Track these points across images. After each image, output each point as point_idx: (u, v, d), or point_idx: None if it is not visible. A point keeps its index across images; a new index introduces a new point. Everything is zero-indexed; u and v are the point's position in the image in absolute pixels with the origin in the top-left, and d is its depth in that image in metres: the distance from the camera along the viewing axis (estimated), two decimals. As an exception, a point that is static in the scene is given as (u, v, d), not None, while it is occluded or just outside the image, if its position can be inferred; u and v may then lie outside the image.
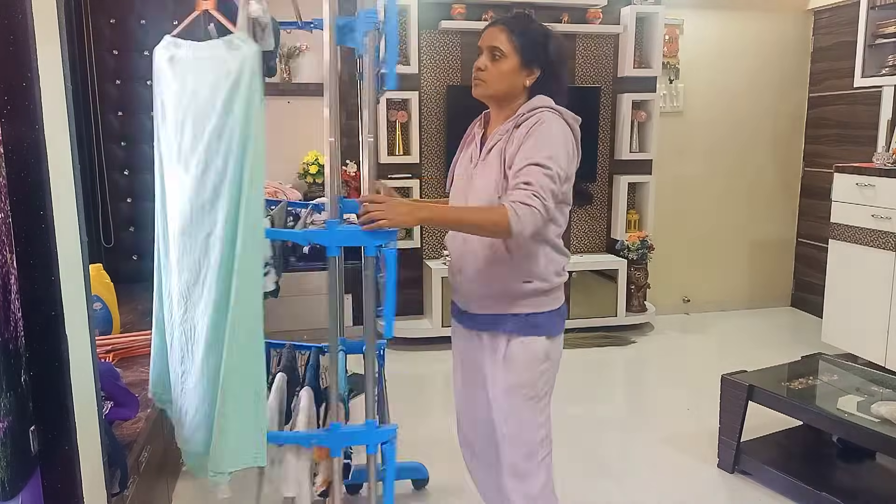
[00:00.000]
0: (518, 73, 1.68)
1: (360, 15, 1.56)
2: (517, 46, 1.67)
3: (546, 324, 1.73)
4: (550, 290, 1.73)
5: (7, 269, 1.09)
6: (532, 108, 1.67)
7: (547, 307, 1.74)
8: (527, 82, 1.70)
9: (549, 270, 1.72)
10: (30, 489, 1.14)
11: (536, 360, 1.72)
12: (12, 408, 1.08)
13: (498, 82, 1.69)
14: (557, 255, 1.74)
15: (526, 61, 1.68)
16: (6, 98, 1.09)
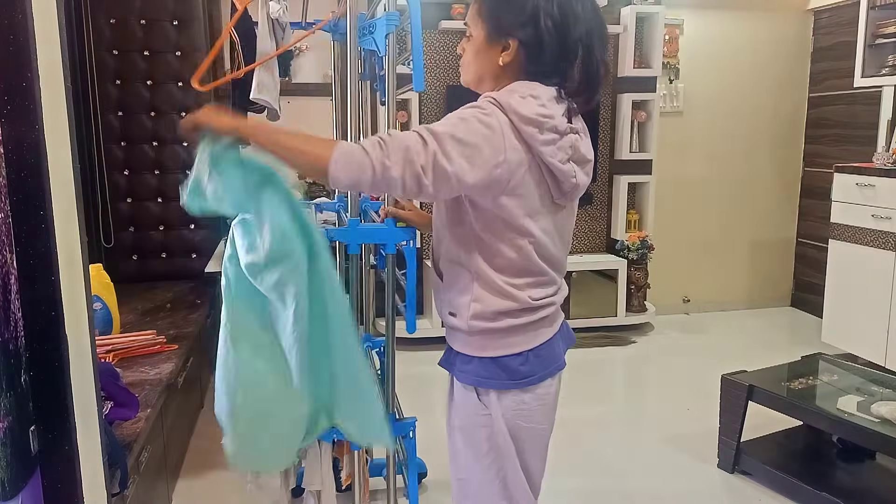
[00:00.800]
0: (486, 50, 1.29)
1: (384, 16, 1.57)
2: (484, 13, 1.29)
3: (478, 371, 1.35)
4: (471, 333, 1.35)
5: (7, 269, 1.09)
6: (485, 95, 1.28)
7: (469, 350, 1.36)
8: (500, 61, 1.28)
9: (471, 310, 1.33)
10: (30, 489, 1.14)
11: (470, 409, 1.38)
12: (12, 408, 1.08)
13: (470, 66, 1.34)
14: (491, 296, 1.32)
15: (493, 33, 1.28)
16: (6, 98, 1.09)
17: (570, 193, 1.32)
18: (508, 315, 1.33)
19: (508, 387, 1.34)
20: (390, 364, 1.80)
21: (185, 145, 3.86)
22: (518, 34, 1.26)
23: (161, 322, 3.00)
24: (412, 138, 1.18)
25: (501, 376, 1.34)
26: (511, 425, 1.36)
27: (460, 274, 1.35)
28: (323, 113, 4.00)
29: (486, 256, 1.32)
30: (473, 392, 1.37)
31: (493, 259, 1.31)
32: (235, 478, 2.56)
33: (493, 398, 1.35)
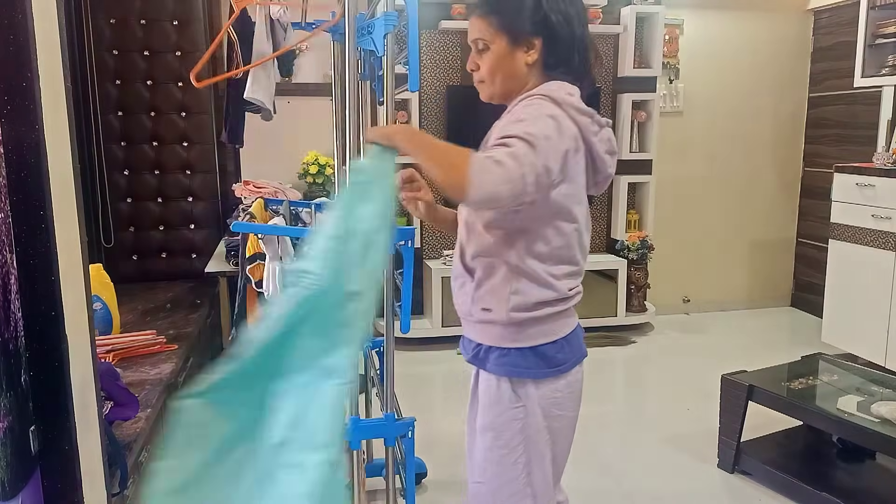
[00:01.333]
0: (511, 55, 1.35)
1: (382, 16, 1.57)
2: (497, 24, 1.34)
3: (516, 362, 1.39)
4: (510, 324, 1.38)
5: (7, 269, 1.09)
6: (527, 95, 1.35)
7: (507, 343, 1.39)
8: (528, 60, 1.36)
9: (511, 303, 1.36)
10: (30, 489, 1.14)
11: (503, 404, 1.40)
12: (12, 408, 1.08)
13: (495, 77, 1.38)
14: (529, 286, 1.36)
15: (514, 37, 1.34)
16: (6, 98, 1.09)
17: (601, 184, 1.42)
18: (547, 304, 1.37)
19: (546, 375, 1.39)
20: (389, 364, 1.80)
21: (185, 145, 3.87)
22: (537, 32, 1.34)
23: (161, 322, 3.00)
24: (523, 145, 1.21)
25: (539, 365, 1.38)
26: (546, 414, 1.40)
27: (497, 268, 1.37)
28: (323, 113, 4.01)
29: (530, 246, 1.35)
30: (508, 385, 1.39)
31: (537, 248, 1.35)
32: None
33: (529, 389, 1.38)
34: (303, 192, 3.98)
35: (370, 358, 2.30)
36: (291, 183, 4.01)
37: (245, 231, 1.95)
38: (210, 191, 3.92)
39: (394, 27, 1.60)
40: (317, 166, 3.94)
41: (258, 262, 1.95)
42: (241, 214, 3.14)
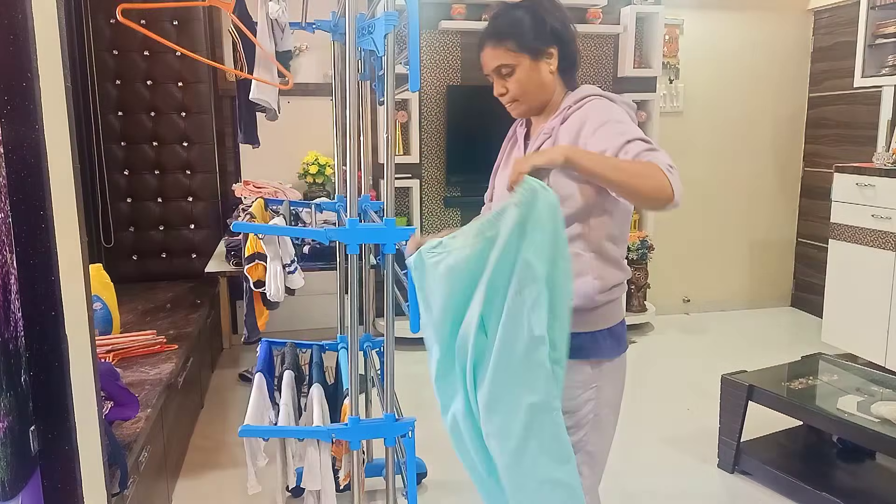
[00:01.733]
0: (537, 69, 1.47)
1: (382, 16, 1.57)
2: (517, 47, 1.46)
3: (590, 346, 1.46)
4: (595, 308, 1.46)
5: (7, 269, 1.09)
6: (578, 100, 1.47)
7: (590, 327, 1.47)
8: (551, 68, 1.48)
9: (595, 288, 1.44)
10: (30, 489, 1.14)
11: (578, 388, 1.47)
12: (12, 408, 1.08)
13: (527, 93, 1.49)
14: (610, 270, 1.46)
15: (534, 52, 1.46)
16: (6, 98, 1.09)
17: None
18: (619, 286, 1.48)
19: (618, 353, 1.51)
20: (390, 364, 1.80)
21: (185, 145, 3.87)
22: (551, 42, 1.47)
23: (161, 322, 3.01)
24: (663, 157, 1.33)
25: (615, 345, 1.49)
26: (615, 392, 1.52)
27: (577, 256, 1.43)
28: (323, 113, 4.01)
29: (608, 230, 1.45)
30: (587, 367, 1.47)
31: (612, 231, 1.45)
32: (235, 478, 2.56)
33: (605, 369, 1.48)
34: (303, 192, 3.98)
35: (370, 358, 2.30)
36: (291, 183, 4.01)
37: (245, 231, 1.95)
38: (210, 191, 3.93)
39: (394, 27, 1.60)
40: (317, 166, 3.94)
41: (257, 262, 1.95)
42: (241, 214, 3.14)
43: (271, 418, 1.94)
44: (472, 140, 4.12)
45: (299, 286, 2.03)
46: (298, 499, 2.20)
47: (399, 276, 1.92)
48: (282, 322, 3.88)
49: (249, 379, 2.88)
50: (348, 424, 1.76)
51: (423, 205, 4.22)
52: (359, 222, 1.66)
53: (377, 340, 2.27)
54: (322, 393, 1.97)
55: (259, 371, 2.05)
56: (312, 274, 3.41)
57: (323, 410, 1.87)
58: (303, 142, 4.04)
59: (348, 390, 1.83)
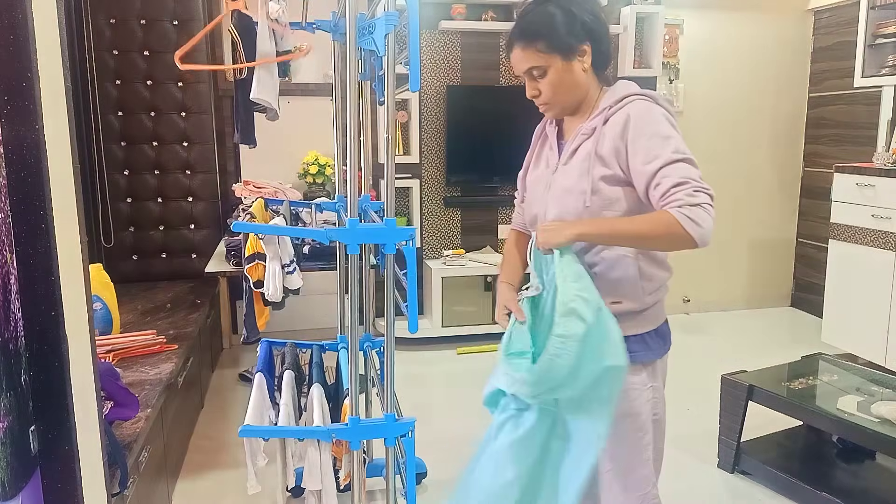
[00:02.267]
0: (569, 68, 1.43)
1: (383, 16, 1.57)
2: (547, 47, 1.41)
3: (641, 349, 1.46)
4: (644, 310, 1.46)
5: (7, 269, 1.09)
6: (618, 100, 1.42)
7: (640, 329, 1.47)
8: (584, 66, 1.44)
9: (644, 289, 1.44)
10: (30, 489, 1.14)
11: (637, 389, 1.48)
12: (12, 408, 1.08)
13: (560, 94, 1.45)
14: (655, 270, 1.46)
15: (566, 51, 1.42)
16: (6, 98, 1.09)
17: None
18: (664, 285, 1.49)
19: (665, 352, 1.51)
20: (390, 364, 1.81)
21: (185, 145, 3.87)
22: (583, 39, 1.43)
23: (161, 322, 3.00)
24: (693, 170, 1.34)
25: (662, 344, 1.49)
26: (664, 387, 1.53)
27: (622, 258, 1.42)
28: (323, 113, 4.01)
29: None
30: (641, 369, 1.46)
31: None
32: (235, 478, 2.56)
33: (657, 368, 1.49)
34: (303, 192, 3.98)
35: (370, 358, 2.30)
36: (291, 183, 4.01)
37: (245, 231, 1.95)
38: (210, 191, 3.93)
39: (394, 27, 1.60)
40: (317, 166, 3.94)
41: (257, 262, 1.95)
42: (241, 214, 3.14)
43: (271, 418, 1.94)
44: (472, 140, 4.12)
45: (298, 286, 2.03)
46: (298, 499, 2.20)
47: (399, 276, 1.92)
48: (282, 322, 3.87)
49: (249, 379, 2.88)
50: (348, 424, 1.76)
51: (423, 205, 4.23)
52: (359, 222, 1.66)
53: (377, 340, 2.27)
54: (322, 393, 1.97)
55: (259, 371, 2.05)
56: (312, 274, 3.43)
57: (323, 410, 1.87)
58: (303, 142, 4.04)
59: (348, 390, 1.83)
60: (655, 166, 1.33)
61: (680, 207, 1.27)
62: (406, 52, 1.76)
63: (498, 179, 4.24)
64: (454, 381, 3.63)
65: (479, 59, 4.19)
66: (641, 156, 1.35)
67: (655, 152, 1.33)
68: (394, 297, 1.89)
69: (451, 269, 4.02)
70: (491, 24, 4.09)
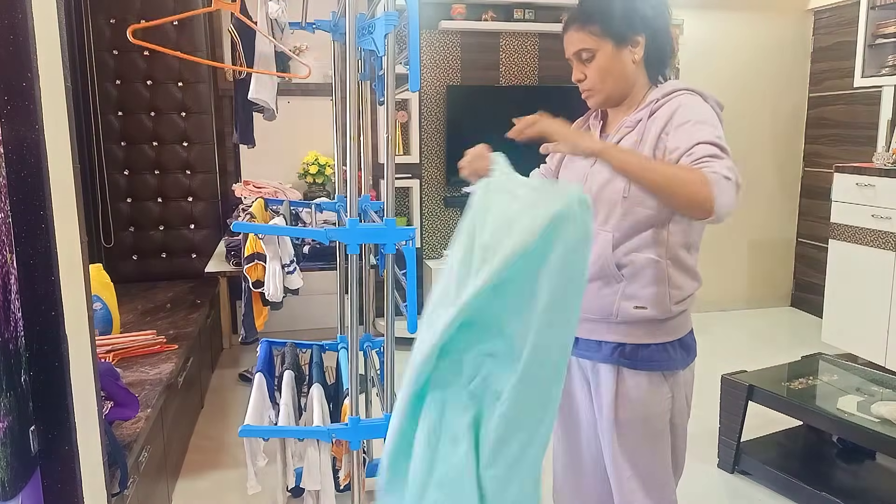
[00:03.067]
0: (618, 56, 1.39)
1: (382, 16, 1.57)
2: (599, 31, 1.38)
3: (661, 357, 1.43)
4: (668, 319, 1.43)
5: (7, 269, 1.09)
6: (666, 94, 1.39)
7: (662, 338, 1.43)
8: (635, 58, 1.40)
9: (672, 298, 1.40)
10: (30, 489, 1.14)
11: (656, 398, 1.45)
12: (12, 408, 1.08)
13: (606, 82, 1.41)
14: (685, 279, 1.43)
15: (619, 38, 1.38)
16: (6, 98, 1.09)
17: None
18: (692, 297, 1.45)
19: (688, 363, 1.48)
20: (390, 364, 1.81)
21: (185, 145, 3.86)
22: (638, 29, 1.39)
23: (161, 322, 3.00)
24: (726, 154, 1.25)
25: (684, 354, 1.46)
26: (687, 401, 1.49)
27: (652, 263, 1.38)
28: (323, 113, 4.01)
29: (681, 238, 1.41)
30: (661, 378, 1.42)
31: (685, 238, 1.42)
32: (235, 478, 2.56)
33: (679, 378, 1.45)
34: (303, 192, 3.98)
35: (370, 358, 2.30)
36: (291, 183, 4.01)
37: (245, 231, 1.95)
38: (210, 191, 3.93)
39: (394, 27, 1.60)
40: (317, 166, 3.94)
41: (256, 262, 1.95)
42: (241, 214, 3.14)
43: (271, 418, 1.94)
44: (472, 140, 4.09)
45: (298, 286, 2.03)
46: (298, 499, 2.20)
47: (399, 276, 1.92)
48: (282, 322, 3.87)
49: (249, 379, 2.88)
50: (348, 424, 1.76)
51: (423, 205, 4.23)
52: (359, 222, 1.66)
53: (377, 340, 2.27)
54: (322, 393, 1.97)
55: (259, 371, 2.05)
56: (312, 274, 3.44)
57: (323, 410, 1.88)
58: (303, 142, 4.04)
59: (348, 390, 1.83)
60: (692, 141, 1.27)
61: (714, 173, 1.19)
62: (406, 52, 1.76)
63: (498, 179, 4.23)
64: (454, 381, 3.63)
65: (479, 59, 4.19)
66: (677, 139, 1.30)
67: (698, 135, 1.27)
68: (394, 297, 1.89)
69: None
70: (491, 24, 4.09)
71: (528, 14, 4.15)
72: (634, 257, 1.39)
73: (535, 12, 4.16)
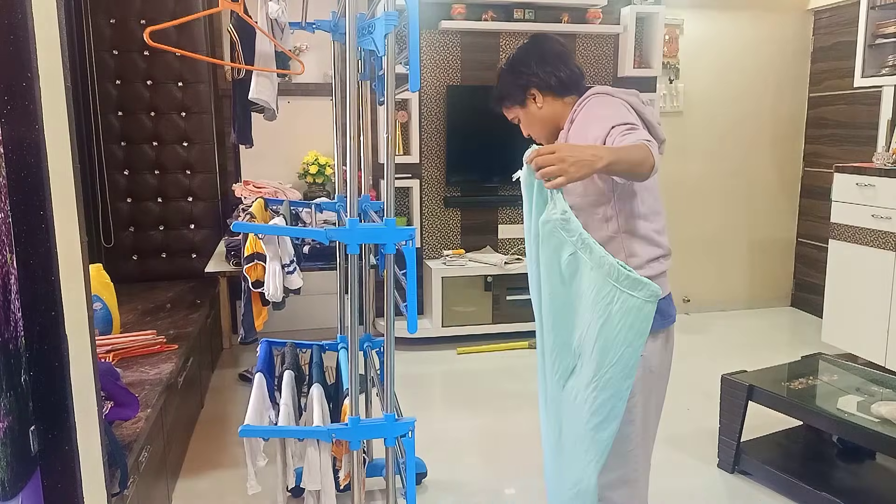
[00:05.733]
0: (529, 111, 1.74)
1: (382, 16, 1.57)
2: (508, 105, 1.76)
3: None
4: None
5: (7, 269, 1.09)
6: (579, 102, 1.67)
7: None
8: (539, 105, 1.72)
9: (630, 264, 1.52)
10: (30, 489, 1.14)
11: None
12: (12, 408, 1.08)
13: (535, 129, 1.76)
14: (639, 246, 1.60)
15: (520, 102, 1.74)
16: (6, 98, 1.09)
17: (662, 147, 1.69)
18: (656, 261, 1.60)
19: (660, 326, 1.59)
20: (390, 364, 1.81)
21: (185, 145, 3.87)
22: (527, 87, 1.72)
23: (161, 322, 3.00)
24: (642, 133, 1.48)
25: (656, 318, 1.50)
26: (658, 362, 1.63)
27: (608, 239, 1.58)
28: (323, 113, 4.01)
29: (634, 208, 1.59)
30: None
31: (639, 208, 1.59)
32: (235, 478, 2.56)
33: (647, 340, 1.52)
34: (303, 192, 3.98)
35: (370, 358, 2.30)
36: (291, 183, 4.01)
37: (245, 231, 1.95)
38: (210, 191, 3.93)
39: (394, 27, 1.60)
40: (317, 166, 3.94)
41: (256, 262, 1.95)
42: (241, 214, 3.14)
43: (271, 418, 1.94)
44: (472, 140, 4.12)
45: (298, 286, 2.03)
46: (298, 499, 2.20)
47: (399, 276, 1.92)
48: (282, 322, 3.88)
49: (249, 379, 2.88)
50: (348, 424, 1.76)
51: (423, 205, 4.23)
52: (359, 222, 1.66)
53: (377, 340, 2.27)
54: (322, 393, 1.97)
55: (259, 371, 2.05)
56: (312, 274, 3.44)
57: (323, 410, 1.88)
58: (303, 142, 4.04)
59: (348, 390, 1.83)
60: (606, 128, 1.50)
61: (643, 140, 1.42)
62: (406, 52, 1.76)
63: (498, 179, 4.24)
64: (454, 381, 3.63)
65: (479, 59, 4.19)
66: (596, 127, 1.53)
67: (608, 122, 1.51)
68: (394, 297, 1.89)
69: (450, 269, 4.02)
70: (491, 24, 4.09)
71: (528, 14, 4.15)
72: (594, 232, 1.56)
73: (535, 12, 4.16)
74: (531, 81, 1.73)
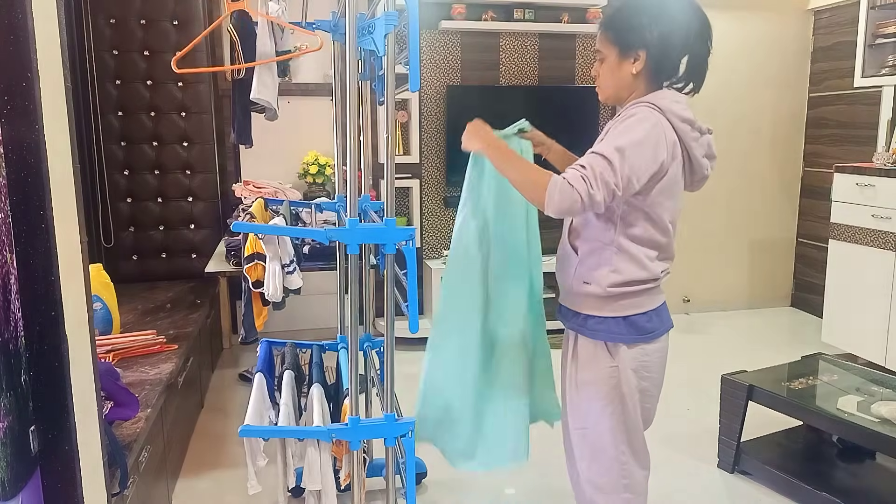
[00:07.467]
0: (619, 65, 1.56)
1: (382, 16, 1.57)
2: (611, 38, 1.56)
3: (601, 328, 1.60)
4: (606, 297, 1.58)
5: (7, 269, 1.09)
6: (636, 103, 1.54)
7: (603, 313, 1.60)
8: (633, 70, 1.55)
9: (609, 279, 1.56)
10: (30, 489, 1.14)
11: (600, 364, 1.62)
12: (12, 408, 1.08)
13: (608, 82, 1.60)
14: (629, 266, 1.57)
15: (623, 49, 1.54)
16: (6, 98, 1.09)
17: (698, 184, 1.69)
18: (639, 283, 1.58)
19: (636, 340, 1.60)
20: (390, 364, 1.81)
21: (185, 145, 3.87)
22: (643, 46, 1.53)
23: (161, 322, 3.00)
24: (602, 164, 1.42)
25: (631, 332, 1.59)
26: (637, 375, 1.62)
27: (600, 249, 1.58)
28: (323, 113, 4.01)
29: (628, 230, 1.56)
30: (604, 348, 1.60)
31: (634, 233, 1.55)
32: (235, 478, 2.56)
33: (621, 351, 1.60)
34: (303, 192, 3.98)
35: (370, 358, 2.30)
36: (291, 183, 4.01)
37: (245, 231, 1.94)
38: (210, 191, 3.93)
39: (394, 27, 1.60)
40: (317, 166, 3.94)
41: (256, 262, 1.95)
42: (241, 214, 3.14)
43: (271, 418, 1.94)
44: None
45: (298, 286, 2.03)
46: (299, 499, 2.20)
47: (399, 276, 1.92)
48: (282, 322, 3.88)
49: (249, 379, 2.88)
50: (348, 424, 1.76)
51: (423, 205, 4.23)
52: (359, 222, 1.66)
53: (377, 340, 2.27)
54: (322, 393, 1.97)
55: (259, 371, 2.05)
56: (312, 274, 3.44)
57: (323, 410, 1.87)
58: (303, 142, 4.04)
59: (348, 390, 1.83)
60: (596, 148, 1.47)
61: (563, 178, 1.41)
62: (406, 52, 1.76)
63: (498, 179, 4.23)
64: (454, 381, 3.63)
65: (479, 59, 4.19)
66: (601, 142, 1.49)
67: (602, 145, 1.46)
68: (394, 297, 1.89)
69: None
70: (491, 24, 4.09)
71: (528, 14, 4.16)
72: (584, 242, 1.62)
73: (535, 12, 4.16)
74: (653, 44, 1.53)
